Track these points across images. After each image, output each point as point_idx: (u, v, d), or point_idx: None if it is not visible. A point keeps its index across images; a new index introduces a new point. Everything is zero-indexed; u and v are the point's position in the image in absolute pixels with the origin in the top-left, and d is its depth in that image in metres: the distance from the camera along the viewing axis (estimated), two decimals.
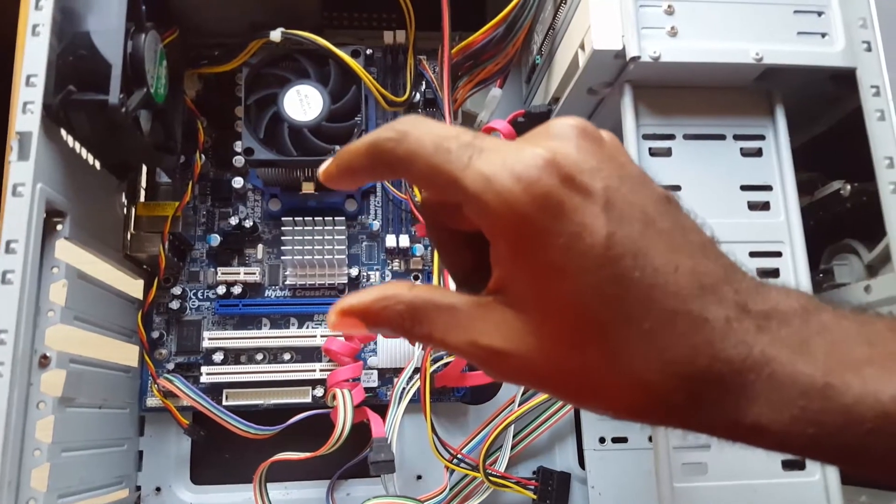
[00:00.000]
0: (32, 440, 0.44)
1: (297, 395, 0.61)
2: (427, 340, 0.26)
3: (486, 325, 0.25)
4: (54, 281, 0.46)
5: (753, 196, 0.50)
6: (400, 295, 0.26)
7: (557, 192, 0.23)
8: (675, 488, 0.45)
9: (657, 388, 0.23)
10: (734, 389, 0.23)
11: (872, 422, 0.22)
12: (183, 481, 0.62)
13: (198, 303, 0.63)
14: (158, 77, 0.53)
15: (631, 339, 0.23)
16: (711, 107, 0.51)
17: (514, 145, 0.24)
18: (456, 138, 0.24)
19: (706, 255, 0.24)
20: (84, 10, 0.47)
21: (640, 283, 0.23)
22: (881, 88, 0.49)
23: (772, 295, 0.25)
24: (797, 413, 0.23)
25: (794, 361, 0.23)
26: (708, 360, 0.23)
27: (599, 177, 0.24)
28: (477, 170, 0.24)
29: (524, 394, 0.60)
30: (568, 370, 0.24)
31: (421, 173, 0.25)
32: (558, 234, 0.23)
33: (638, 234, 0.23)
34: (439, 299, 0.26)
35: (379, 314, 0.26)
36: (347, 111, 0.60)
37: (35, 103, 0.44)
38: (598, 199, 0.23)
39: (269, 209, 0.64)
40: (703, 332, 0.23)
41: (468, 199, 0.24)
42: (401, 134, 0.25)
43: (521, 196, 0.23)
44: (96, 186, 0.54)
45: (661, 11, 0.49)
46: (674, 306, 0.23)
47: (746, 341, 0.23)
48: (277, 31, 0.58)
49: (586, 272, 0.23)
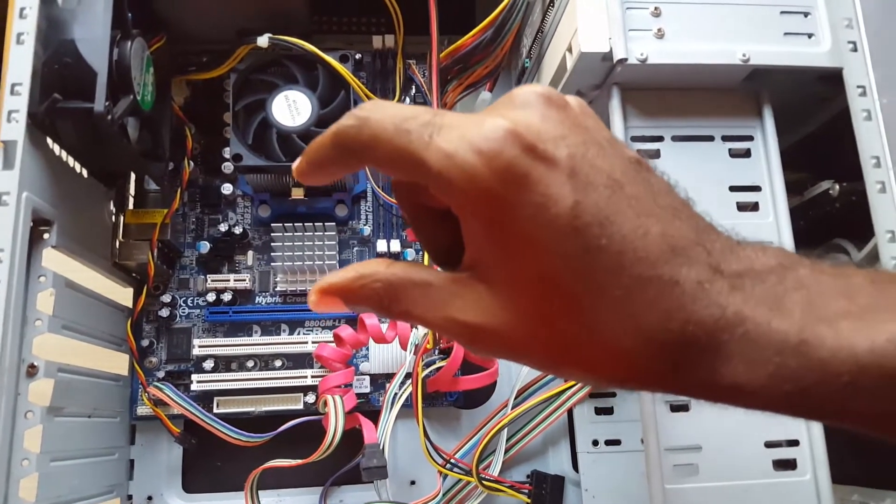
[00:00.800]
0: (21, 450, 0.43)
1: (289, 402, 0.61)
2: (405, 317, 0.26)
3: (462, 301, 0.25)
4: (41, 290, 0.46)
5: (742, 197, 0.50)
6: (377, 273, 0.26)
7: (520, 162, 0.23)
8: (667, 489, 0.45)
9: (633, 354, 0.23)
10: (710, 351, 0.23)
11: (848, 375, 0.22)
12: (175, 490, 0.62)
13: (188, 310, 0.63)
14: (145, 84, 0.53)
15: (603, 307, 0.23)
16: (699, 108, 0.51)
17: (474, 118, 0.24)
18: (415, 118, 0.24)
19: (678, 218, 0.24)
20: (69, 18, 0.47)
21: (609, 251, 0.23)
22: (867, 88, 0.49)
23: (747, 253, 0.25)
24: (773, 370, 0.23)
25: (768, 319, 0.23)
26: (681, 324, 0.23)
27: (563, 144, 0.23)
28: (438, 147, 0.23)
29: (517, 397, 0.60)
30: (544, 342, 0.24)
31: (385, 157, 0.25)
32: (524, 205, 0.23)
33: (605, 201, 0.23)
34: (416, 276, 0.26)
35: (357, 292, 0.26)
36: (336, 116, 0.58)
37: (20, 112, 0.43)
38: (562, 168, 0.23)
39: (259, 215, 0.64)
40: (674, 295, 0.23)
41: (432, 178, 0.24)
42: (361, 120, 0.25)
43: (484, 170, 0.23)
44: (84, 194, 0.54)
45: (648, 13, 0.49)
46: (644, 272, 0.23)
47: (719, 302, 0.23)
48: (265, 37, 0.58)
49: (554, 243, 0.23)
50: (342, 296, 0.27)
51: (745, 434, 0.47)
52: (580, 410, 0.62)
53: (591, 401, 0.62)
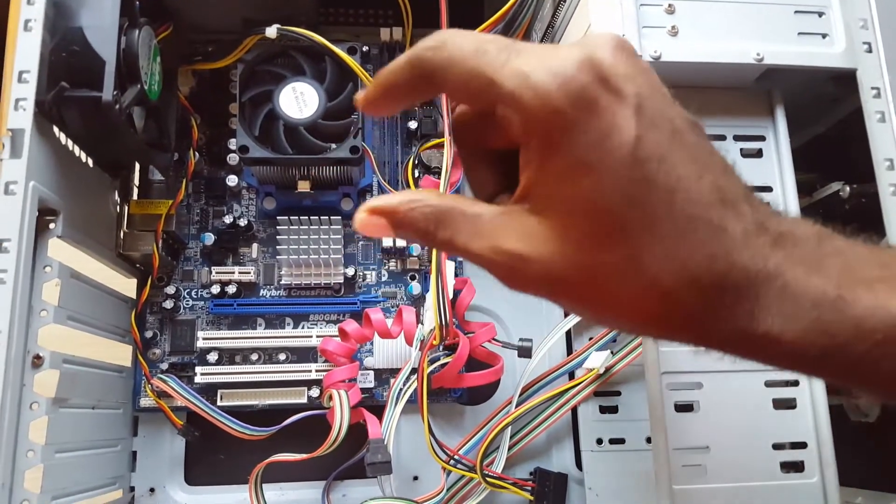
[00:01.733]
0: (26, 441, 0.43)
1: (293, 396, 0.61)
2: (449, 246, 0.27)
3: (510, 231, 0.26)
4: (47, 280, 0.46)
5: None
6: (428, 198, 0.27)
7: (592, 89, 0.23)
8: (675, 490, 0.45)
9: (674, 293, 0.24)
10: (749, 298, 0.24)
11: (883, 332, 0.23)
12: (177, 482, 0.62)
13: (192, 302, 0.62)
14: (152, 73, 0.52)
15: (652, 242, 0.24)
16: (712, 107, 0.51)
17: (551, 48, 0.25)
18: (494, 41, 0.25)
19: (727, 175, 0.25)
20: (77, 6, 0.46)
21: (664, 187, 0.24)
22: (882, 90, 0.49)
23: (787, 221, 0.26)
24: (808, 324, 0.24)
25: (807, 276, 0.24)
26: (725, 268, 0.24)
27: (633, 83, 0.24)
28: (514, 67, 0.24)
29: (521, 395, 0.60)
30: (588, 275, 0.25)
31: (460, 78, 0.25)
32: (589, 130, 0.24)
33: (666, 141, 0.24)
34: (466, 206, 0.27)
35: (406, 215, 0.27)
36: (344, 109, 0.59)
37: (27, 100, 0.43)
38: (630, 102, 0.24)
39: (264, 208, 0.63)
40: (721, 240, 0.24)
41: (504, 96, 0.24)
42: (440, 41, 0.26)
43: (557, 91, 0.23)
44: (89, 184, 0.54)
45: (662, 11, 0.49)
46: (695, 212, 0.24)
47: (763, 254, 0.24)
48: (273, 28, 0.58)
49: (612, 171, 0.23)
50: (390, 217, 0.27)
51: (752, 435, 0.46)
52: (584, 409, 0.62)
53: (596, 399, 0.62)
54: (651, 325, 0.26)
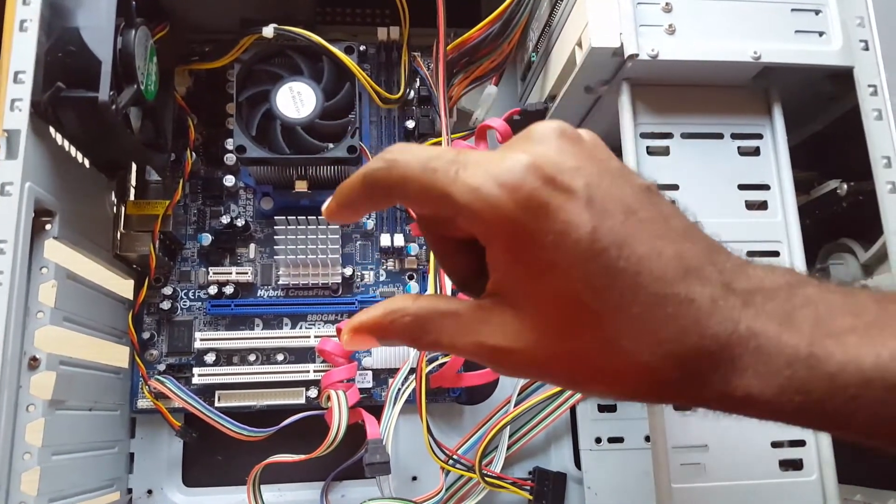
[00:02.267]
0: (22, 443, 0.43)
1: (291, 397, 0.60)
2: (435, 347, 0.28)
3: (489, 327, 0.27)
4: (43, 281, 0.46)
5: (751, 195, 0.50)
6: (406, 307, 0.28)
7: (541, 193, 0.24)
8: (674, 489, 0.45)
9: (651, 368, 0.25)
10: (724, 363, 0.24)
11: (855, 388, 0.23)
12: (175, 483, 0.62)
13: (189, 303, 0.62)
14: (149, 74, 0.52)
15: (623, 324, 0.24)
16: (709, 105, 0.51)
17: (496, 154, 0.26)
18: (440, 157, 0.26)
19: (689, 239, 0.26)
20: (73, 6, 0.46)
21: (627, 272, 0.24)
22: (878, 88, 0.49)
23: (757, 272, 0.26)
24: (784, 382, 0.24)
25: (779, 333, 0.24)
26: (697, 338, 0.24)
27: (580, 175, 0.25)
28: (464, 182, 0.25)
29: (520, 394, 0.60)
30: (568, 360, 0.26)
31: (413, 194, 0.27)
32: (546, 232, 0.24)
33: (620, 226, 0.25)
34: (443, 307, 0.28)
35: (388, 328, 0.28)
36: (341, 108, 0.59)
37: (23, 100, 0.43)
38: (580, 197, 0.24)
39: (262, 208, 0.63)
40: (690, 312, 0.24)
41: (459, 210, 0.25)
42: (389, 162, 0.27)
43: (508, 201, 0.24)
44: (85, 185, 0.53)
45: (659, 9, 0.49)
46: (660, 290, 0.24)
47: (732, 317, 0.25)
48: (270, 27, 0.57)
49: (575, 266, 0.24)
50: (374, 333, 0.28)
51: (751, 434, 0.46)
52: (583, 408, 0.62)
53: (595, 398, 0.62)
54: (637, 395, 0.26)
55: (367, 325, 0.28)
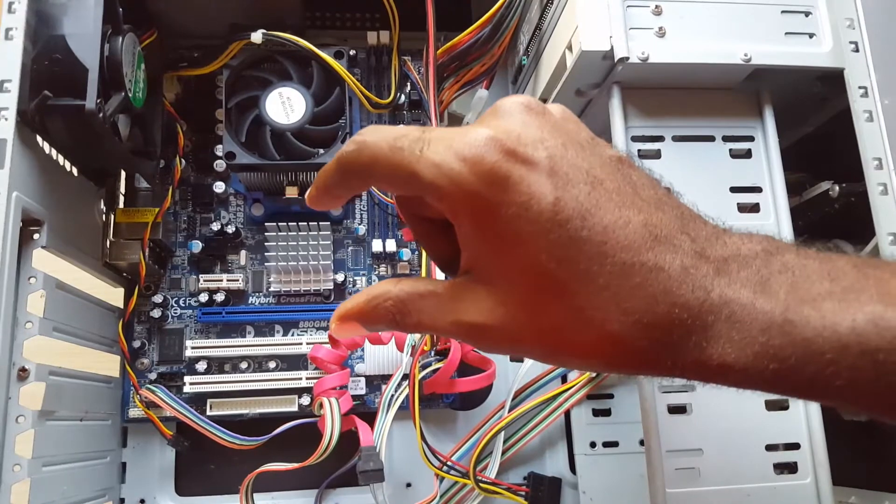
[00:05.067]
0: (12, 455, 0.43)
1: (284, 404, 0.60)
2: (418, 328, 0.29)
3: (465, 304, 0.27)
4: (32, 291, 0.45)
5: (743, 198, 0.50)
6: (388, 292, 0.28)
7: (502, 165, 0.25)
8: (668, 493, 0.45)
9: (622, 337, 0.25)
10: (696, 332, 0.24)
11: (831, 353, 0.23)
12: (168, 493, 0.61)
13: (180, 311, 0.62)
14: (137, 81, 0.51)
15: (590, 294, 0.25)
16: (700, 108, 0.51)
17: (459, 130, 0.26)
18: (406, 136, 0.26)
19: (660, 209, 0.26)
20: (59, 13, 0.46)
21: (591, 241, 0.24)
22: (869, 89, 0.49)
23: (733, 240, 0.26)
24: (759, 349, 0.24)
25: (753, 300, 0.24)
26: (667, 307, 0.24)
27: (543, 146, 0.25)
28: (427, 159, 0.25)
29: (514, 399, 0.59)
30: (540, 332, 0.26)
31: (383, 174, 0.27)
32: (509, 204, 0.25)
33: (585, 196, 0.25)
34: (421, 288, 0.28)
35: (371, 313, 0.29)
36: (331, 114, 0.59)
37: (9, 109, 0.42)
38: (542, 168, 0.25)
39: (252, 214, 0.63)
40: (658, 280, 0.24)
41: (425, 188, 0.26)
42: (359, 143, 0.27)
43: (469, 175, 0.25)
44: (74, 193, 0.53)
45: (649, 12, 0.49)
46: (627, 259, 0.24)
47: (704, 286, 0.24)
48: (259, 33, 0.57)
49: (539, 237, 0.24)
50: (359, 319, 0.29)
51: (745, 437, 0.46)
52: (577, 412, 0.62)
53: (589, 403, 0.62)
54: (612, 365, 0.27)
55: (352, 313, 0.29)
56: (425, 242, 0.32)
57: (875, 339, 0.23)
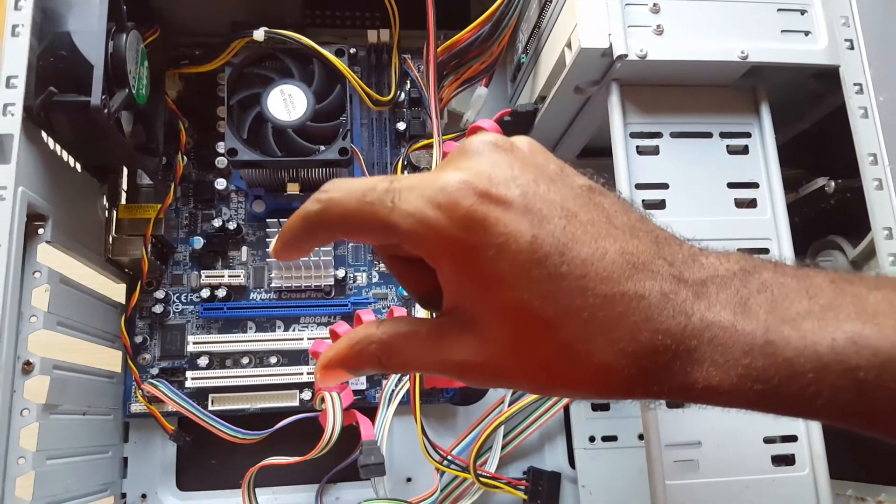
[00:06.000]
0: (17, 448, 0.43)
1: (285, 399, 0.60)
2: (404, 369, 0.29)
3: (449, 343, 0.27)
4: (36, 286, 0.46)
5: (740, 193, 0.50)
6: (370, 335, 0.28)
7: (477, 209, 0.24)
8: (668, 486, 0.45)
9: (609, 367, 0.25)
10: (680, 356, 0.24)
11: (813, 372, 0.23)
12: (169, 488, 0.61)
13: (181, 306, 0.62)
14: (140, 78, 0.52)
15: (575, 328, 0.25)
16: (698, 105, 0.51)
17: (429, 176, 0.26)
18: (373, 189, 0.26)
19: (635, 236, 0.26)
20: (64, 11, 0.46)
21: (571, 276, 0.24)
22: (864, 86, 0.50)
23: (710, 261, 0.26)
24: (742, 371, 0.24)
25: (733, 322, 0.24)
26: (650, 334, 0.24)
27: (515, 184, 0.25)
28: (401, 210, 0.25)
29: (514, 394, 0.60)
30: (527, 367, 0.26)
31: (354, 229, 0.27)
32: (487, 246, 0.24)
33: (560, 231, 0.25)
34: (405, 329, 0.28)
35: (356, 359, 0.29)
36: (332, 111, 0.59)
37: (16, 105, 0.43)
38: (517, 206, 0.25)
39: (253, 211, 0.63)
40: (640, 308, 0.24)
41: (402, 238, 0.26)
42: (324, 202, 0.27)
43: (445, 222, 0.25)
44: (77, 189, 0.53)
45: (647, 10, 0.49)
46: (607, 290, 0.24)
47: (685, 310, 0.25)
48: (261, 31, 0.58)
49: (520, 276, 0.24)
50: (343, 366, 0.29)
51: (744, 430, 0.47)
52: (577, 407, 0.62)
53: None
54: (602, 394, 0.27)
55: (336, 361, 0.29)
56: (404, 281, 0.32)
57: (854, 357, 0.23)
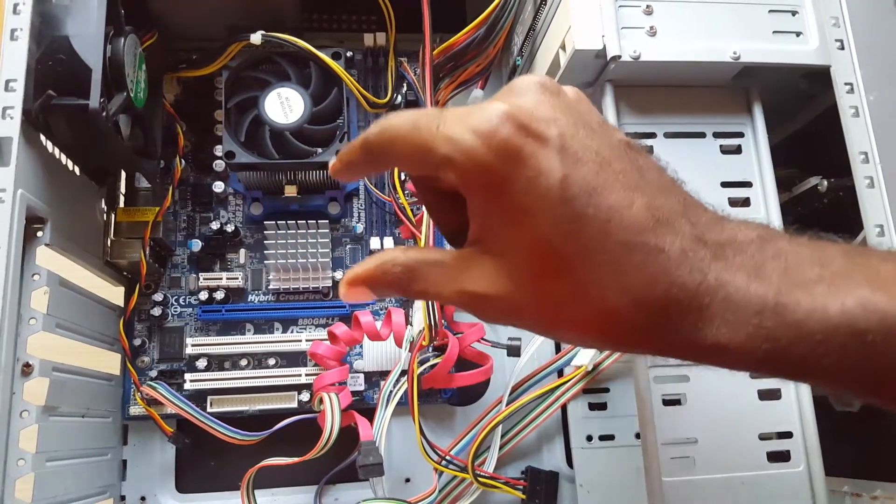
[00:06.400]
0: (16, 450, 0.43)
1: (283, 401, 0.61)
2: (424, 295, 0.30)
3: (470, 274, 0.28)
4: (35, 288, 0.46)
5: (734, 193, 0.51)
6: (396, 258, 0.29)
7: (514, 140, 0.25)
8: (664, 482, 0.46)
9: (620, 313, 0.25)
10: (692, 312, 0.25)
11: (821, 334, 0.24)
12: (168, 490, 0.61)
13: (180, 309, 0.62)
14: (138, 81, 0.52)
15: (591, 270, 0.25)
16: (691, 105, 0.52)
17: (475, 106, 0.27)
18: (425, 115, 0.27)
19: (663, 193, 0.27)
20: (63, 15, 0.46)
21: (596, 219, 0.25)
22: (855, 85, 0.50)
23: (730, 226, 0.27)
24: (752, 331, 0.25)
25: (747, 284, 0.25)
26: (665, 287, 0.25)
27: (555, 124, 0.26)
28: (443, 134, 0.26)
29: (511, 394, 0.60)
30: (541, 303, 0.27)
31: (403, 153, 0.28)
32: (518, 178, 0.25)
33: (592, 175, 0.25)
34: (429, 257, 0.29)
35: (380, 278, 0.30)
36: (329, 113, 0.60)
37: (15, 108, 0.43)
38: (553, 145, 0.25)
39: (251, 213, 0.64)
40: (658, 261, 0.25)
41: (441, 162, 0.26)
42: (383, 125, 0.28)
43: (482, 148, 0.25)
44: (76, 192, 0.54)
45: (640, 11, 0.50)
46: (629, 238, 0.25)
47: (701, 269, 0.25)
48: (258, 34, 0.58)
49: (546, 211, 0.25)
50: (368, 283, 0.30)
51: (739, 427, 0.47)
52: (574, 406, 0.63)
53: (585, 397, 0.63)
54: (608, 341, 0.27)
55: (361, 277, 0.30)
56: (435, 214, 0.33)
57: (863, 321, 0.24)
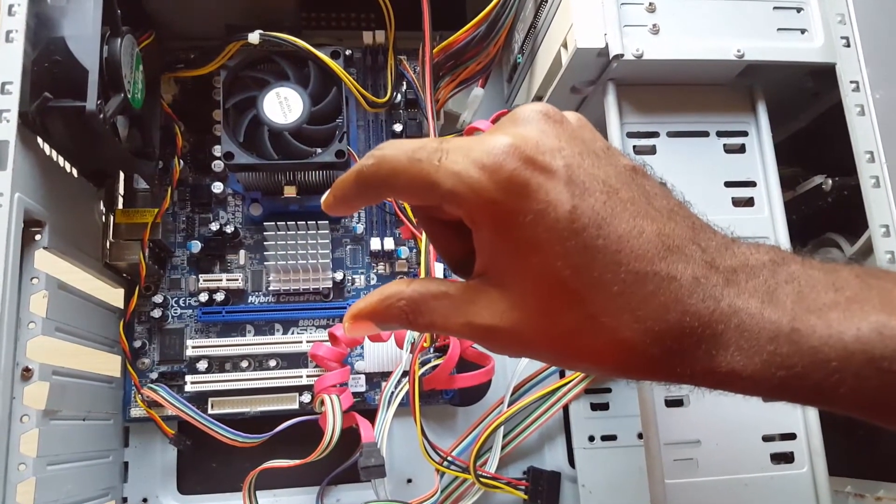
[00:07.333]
0: (17, 454, 0.43)
1: (284, 402, 0.60)
2: (430, 328, 0.29)
3: (477, 307, 0.27)
4: (34, 292, 0.45)
5: (737, 192, 0.51)
6: (400, 292, 0.29)
7: (520, 173, 0.25)
8: (667, 484, 0.45)
9: (634, 344, 0.25)
10: (706, 340, 0.25)
11: (837, 361, 0.24)
12: (170, 492, 0.61)
13: (180, 311, 0.62)
14: (135, 82, 0.52)
15: (604, 302, 0.25)
16: (694, 104, 0.52)
17: (478, 138, 0.26)
18: (424, 147, 0.27)
19: (672, 219, 0.26)
20: (59, 16, 0.46)
21: (606, 250, 0.25)
22: (860, 83, 0.50)
23: (742, 250, 0.27)
24: (767, 357, 0.24)
25: (761, 310, 0.25)
26: (678, 316, 0.25)
27: (560, 155, 0.26)
28: (447, 169, 0.26)
29: (513, 395, 0.60)
30: (552, 336, 0.27)
31: (402, 187, 0.27)
32: (526, 212, 0.25)
33: (601, 205, 0.25)
34: (434, 289, 0.29)
35: (385, 312, 0.29)
36: (328, 113, 0.59)
37: (11, 111, 0.43)
38: (560, 177, 0.25)
39: (251, 214, 0.63)
40: (671, 289, 0.25)
41: (445, 197, 0.26)
42: (378, 157, 0.28)
43: (488, 183, 0.25)
44: (74, 194, 0.53)
45: (643, 9, 0.49)
46: (640, 268, 0.25)
47: (714, 295, 0.25)
48: (256, 34, 0.57)
49: (555, 244, 0.25)
50: (372, 318, 0.30)
51: (743, 428, 0.47)
52: (576, 407, 0.62)
53: (587, 397, 0.63)
54: (623, 371, 0.27)
55: (365, 312, 0.30)
56: (438, 244, 0.32)
57: (879, 347, 0.23)
